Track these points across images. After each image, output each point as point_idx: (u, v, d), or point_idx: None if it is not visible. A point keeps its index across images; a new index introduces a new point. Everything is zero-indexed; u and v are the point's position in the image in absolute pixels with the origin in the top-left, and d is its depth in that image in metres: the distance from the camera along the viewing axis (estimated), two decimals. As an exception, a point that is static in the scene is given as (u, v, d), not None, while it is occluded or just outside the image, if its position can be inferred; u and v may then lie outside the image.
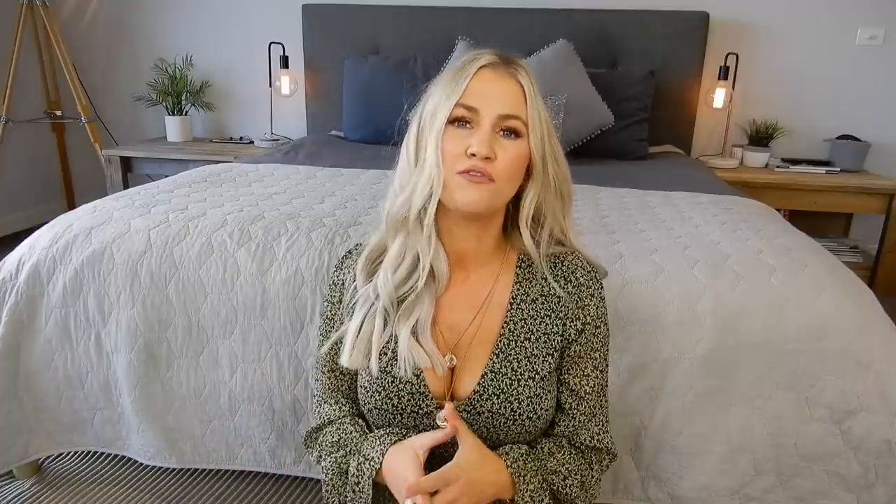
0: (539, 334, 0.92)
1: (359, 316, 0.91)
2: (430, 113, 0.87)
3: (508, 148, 0.85)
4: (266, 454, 1.47)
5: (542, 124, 0.87)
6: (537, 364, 0.91)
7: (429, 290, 0.90)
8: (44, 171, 3.60)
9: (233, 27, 3.37)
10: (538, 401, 0.91)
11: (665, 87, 2.93)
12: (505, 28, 2.99)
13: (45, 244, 1.48)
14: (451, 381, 0.92)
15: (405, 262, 0.89)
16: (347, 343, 0.91)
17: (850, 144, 2.92)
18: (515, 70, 0.87)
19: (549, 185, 0.90)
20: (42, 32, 3.24)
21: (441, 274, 0.90)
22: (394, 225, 0.90)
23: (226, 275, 1.40)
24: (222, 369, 1.42)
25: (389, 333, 0.90)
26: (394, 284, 0.89)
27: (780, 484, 1.28)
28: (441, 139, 0.85)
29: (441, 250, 0.90)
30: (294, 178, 2.05)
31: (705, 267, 1.33)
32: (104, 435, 1.54)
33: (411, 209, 0.87)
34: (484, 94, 0.84)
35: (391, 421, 0.93)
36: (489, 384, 0.90)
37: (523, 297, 0.93)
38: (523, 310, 0.93)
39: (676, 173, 2.40)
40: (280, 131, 3.38)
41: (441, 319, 0.93)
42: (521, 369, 0.90)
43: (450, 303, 0.93)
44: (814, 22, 2.95)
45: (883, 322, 1.28)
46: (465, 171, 0.83)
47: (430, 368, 0.90)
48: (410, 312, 0.89)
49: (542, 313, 0.93)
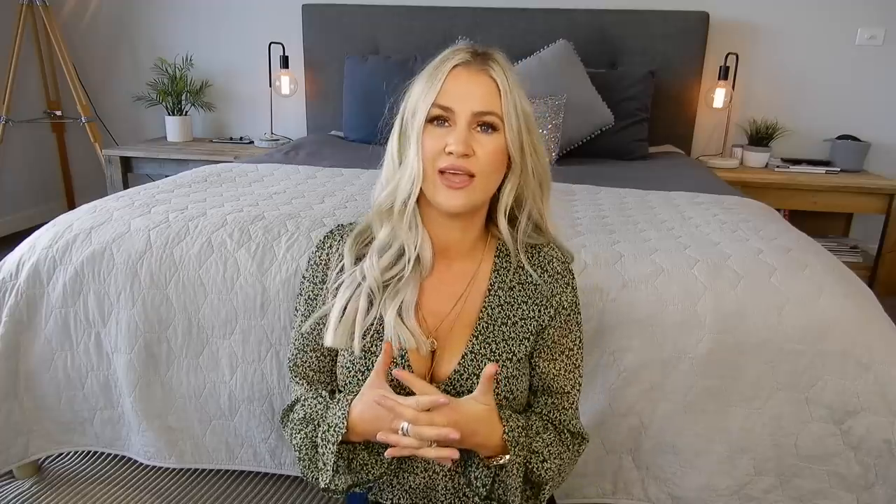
0: (516, 319, 0.95)
1: (344, 297, 0.93)
2: (411, 112, 0.90)
3: (486, 143, 0.88)
4: (266, 454, 1.47)
5: (519, 117, 0.89)
6: (514, 347, 0.95)
7: (414, 275, 0.93)
8: (44, 171, 3.60)
9: (233, 27, 3.37)
10: (514, 382, 0.94)
11: (665, 87, 2.93)
12: (505, 28, 2.99)
13: (45, 244, 1.48)
14: (432, 364, 0.95)
15: (391, 250, 0.93)
16: (331, 323, 0.93)
17: (850, 144, 2.92)
18: (489, 66, 0.89)
19: (527, 174, 0.92)
20: (42, 32, 3.25)
21: (426, 260, 0.94)
22: (380, 215, 0.94)
23: (226, 275, 1.40)
24: (222, 369, 1.42)
25: (374, 315, 0.93)
26: (380, 269, 0.92)
27: (780, 484, 1.28)
28: (421, 137, 0.88)
29: (427, 238, 0.94)
30: (294, 178, 2.05)
31: (705, 267, 1.33)
32: (104, 435, 1.54)
33: (395, 202, 0.91)
34: (458, 94, 0.87)
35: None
36: (468, 364, 0.93)
37: (501, 284, 0.96)
38: (500, 296, 0.96)
39: (676, 173, 2.40)
40: (280, 131, 3.38)
41: (424, 305, 0.95)
42: (498, 351, 0.94)
43: (433, 290, 0.96)
44: (814, 22, 2.95)
45: (883, 322, 1.28)
46: (445, 168, 0.86)
47: (413, 349, 0.92)
48: (396, 294, 0.92)
49: (520, 299, 0.96)
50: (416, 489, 0.97)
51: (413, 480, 0.97)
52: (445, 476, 0.97)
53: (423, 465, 0.97)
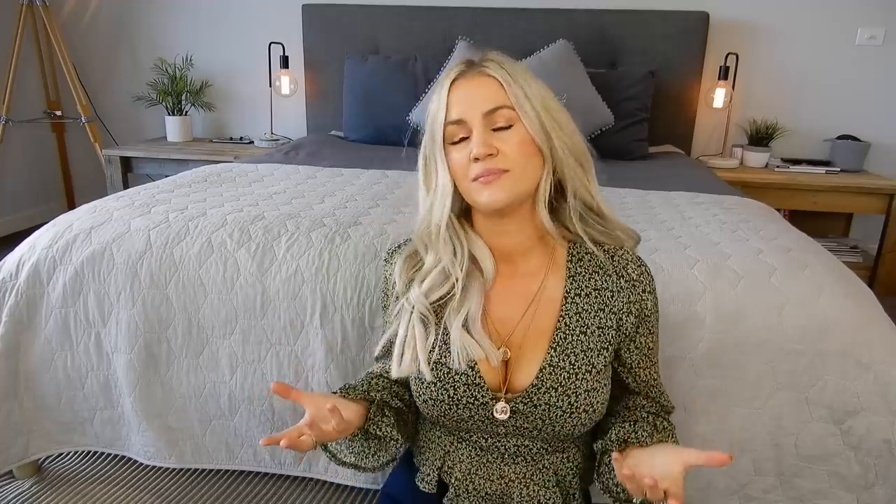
0: (594, 328, 0.93)
1: (403, 326, 0.94)
2: (430, 138, 0.91)
3: (508, 138, 0.87)
4: (266, 454, 1.47)
5: (534, 102, 0.87)
6: (593, 358, 0.92)
7: (477, 285, 0.92)
8: (44, 171, 3.60)
9: (233, 27, 3.37)
10: (594, 394, 0.92)
11: (665, 87, 2.93)
12: (505, 28, 2.99)
13: (45, 244, 1.48)
14: (507, 374, 0.93)
15: (435, 271, 0.93)
16: (395, 354, 0.93)
17: (850, 144, 2.92)
18: (484, 66, 0.89)
19: (559, 154, 0.90)
20: (42, 32, 3.25)
21: (487, 268, 0.93)
22: (423, 241, 0.95)
23: (226, 275, 1.40)
24: (222, 369, 1.42)
25: (434, 337, 0.93)
26: (423, 292, 0.92)
27: (780, 484, 1.28)
28: (447, 158, 0.89)
29: (485, 246, 0.93)
30: (294, 178, 2.05)
31: (705, 267, 1.33)
32: (104, 435, 1.54)
33: (432, 224, 0.92)
34: (463, 103, 0.87)
35: (447, 412, 0.94)
36: (547, 377, 0.91)
37: (577, 291, 0.94)
38: (577, 304, 0.94)
39: (676, 173, 2.39)
40: (280, 131, 3.38)
41: (491, 313, 0.94)
42: (578, 363, 0.92)
43: (499, 297, 0.95)
44: (814, 22, 2.95)
45: (883, 322, 1.28)
46: (477, 175, 0.86)
47: (483, 360, 0.92)
48: (461, 306, 0.91)
49: (596, 307, 0.94)
50: (492, 496, 0.98)
51: (489, 487, 0.97)
52: (520, 483, 0.97)
53: (499, 472, 0.97)
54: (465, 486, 0.98)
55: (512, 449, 0.96)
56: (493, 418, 0.92)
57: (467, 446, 0.98)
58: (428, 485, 1.00)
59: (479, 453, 0.98)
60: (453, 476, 0.99)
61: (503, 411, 0.91)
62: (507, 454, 0.97)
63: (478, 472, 0.98)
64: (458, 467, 0.99)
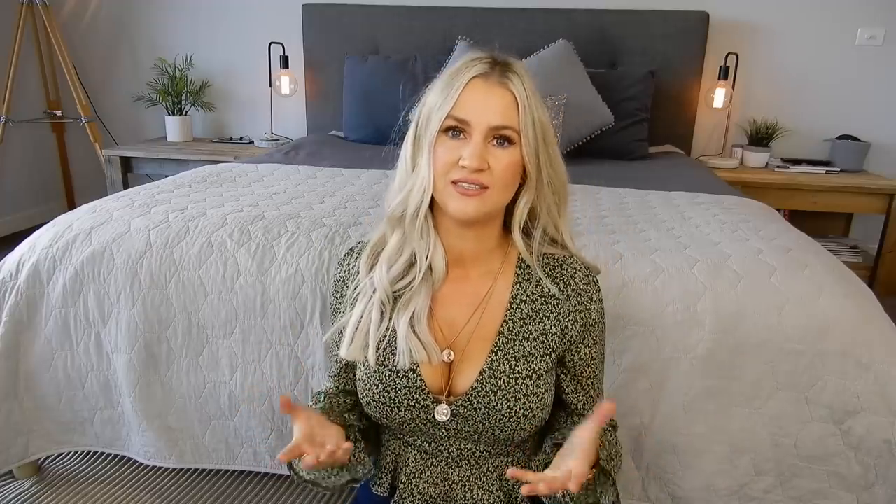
0: (537, 334, 0.94)
1: (358, 308, 0.93)
2: (426, 118, 0.89)
3: (501, 157, 0.86)
4: (266, 454, 1.47)
5: (537, 131, 0.87)
6: (535, 363, 0.93)
7: (426, 283, 0.92)
8: (44, 171, 3.60)
9: (233, 27, 3.37)
10: (535, 399, 0.92)
11: (665, 87, 2.93)
12: (505, 28, 2.99)
13: (45, 244, 1.48)
14: (449, 376, 0.94)
15: (402, 258, 0.92)
16: (346, 335, 0.93)
17: (850, 144, 2.92)
18: (508, 79, 0.86)
19: (543, 188, 0.90)
20: (42, 32, 3.25)
21: (438, 269, 0.92)
22: (391, 221, 0.93)
23: (226, 275, 1.40)
24: (222, 369, 1.42)
25: (386, 326, 0.92)
26: (389, 279, 0.92)
27: (780, 484, 1.28)
28: (434, 147, 0.87)
29: (440, 246, 0.92)
30: (294, 178, 2.05)
31: (705, 267, 1.33)
32: (104, 435, 1.54)
33: (407, 210, 0.90)
34: (475, 107, 0.85)
35: (388, 414, 0.94)
36: (487, 381, 0.91)
37: (522, 297, 0.95)
38: (522, 310, 0.94)
39: (676, 173, 2.39)
40: (280, 131, 3.38)
41: (439, 314, 0.94)
42: (518, 367, 0.92)
43: (448, 299, 0.94)
44: (814, 22, 2.95)
45: (883, 322, 1.28)
46: (458, 180, 0.85)
47: (426, 363, 0.91)
48: (408, 304, 0.91)
49: (541, 314, 0.94)
50: (436, 499, 0.98)
51: (433, 490, 0.98)
52: (464, 486, 0.97)
53: (443, 474, 0.97)
54: (411, 490, 0.98)
55: (455, 452, 0.97)
56: (434, 421, 0.93)
57: (413, 450, 0.99)
58: (380, 488, 1.00)
59: (424, 456, 0.98)
60: (399, 480, 0.99)
61: (444, 413, 0.91)
62: (451, 457, 0.97)
63: (422, 475, 0.98)
64: (405, 471, 0.99)
